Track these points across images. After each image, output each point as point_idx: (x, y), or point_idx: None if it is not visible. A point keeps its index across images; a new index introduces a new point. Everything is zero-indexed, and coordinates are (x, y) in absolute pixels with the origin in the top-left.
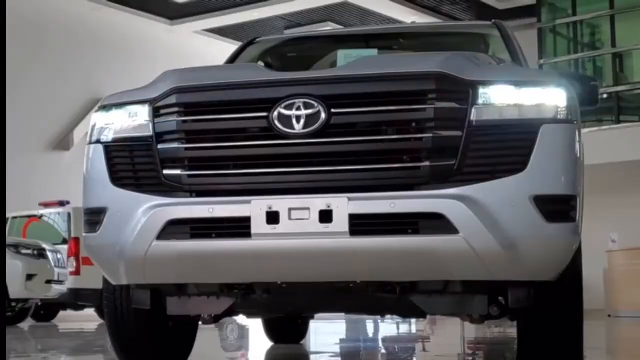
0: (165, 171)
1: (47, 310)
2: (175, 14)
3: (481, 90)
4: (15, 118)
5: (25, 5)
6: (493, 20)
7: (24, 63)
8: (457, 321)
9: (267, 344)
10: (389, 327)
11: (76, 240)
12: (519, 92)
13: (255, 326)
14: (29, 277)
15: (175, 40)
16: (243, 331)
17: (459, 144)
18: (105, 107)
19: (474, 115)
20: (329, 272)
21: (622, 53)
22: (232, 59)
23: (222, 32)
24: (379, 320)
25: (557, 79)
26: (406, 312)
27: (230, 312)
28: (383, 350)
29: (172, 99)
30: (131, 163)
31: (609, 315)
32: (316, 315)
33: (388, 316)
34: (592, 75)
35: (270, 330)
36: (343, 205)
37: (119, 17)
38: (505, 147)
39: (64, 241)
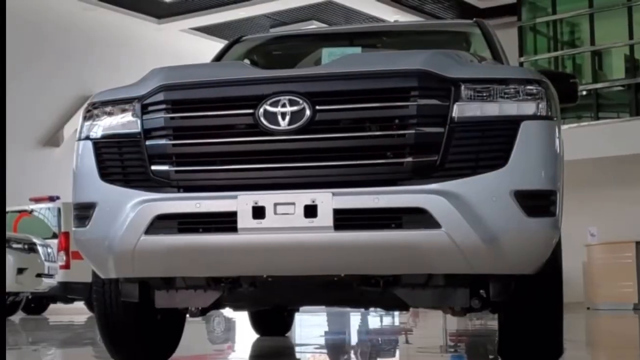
0: (153, 167)
1: (37, 304)
2: (163, 13)
3: (463, 87)
4: (8, 115)
5: (18, 4)
6: (475, 19)
7: (18, 61)
8: (440, 314)
9: (254, 336)
10: (373, 319)
11: (66, 234)
12: (500, 90)
13: (241, 319)
14: (20, 270)
15: (164, 39)
16: (230, 324)
17: (441, 140)
18: (95, 105)
19: (455, 112)
20: (314, 266)
21: (601, 51)
22: (219, 57)
23: (209, 30)
24: (364, 313)
25: (537, 76)
26: (390, 305)
27: (217, 305)
28: (367, 343)
29: (160, 97)
30: (120, 159)
31: (588, 308)
32: (301, 308)
33: (372, 309)
34: (572, 73)
35: (257, 323)
36: (328, 201)
37: (109, 16)
38: (487, 143)
39: (54, 236)
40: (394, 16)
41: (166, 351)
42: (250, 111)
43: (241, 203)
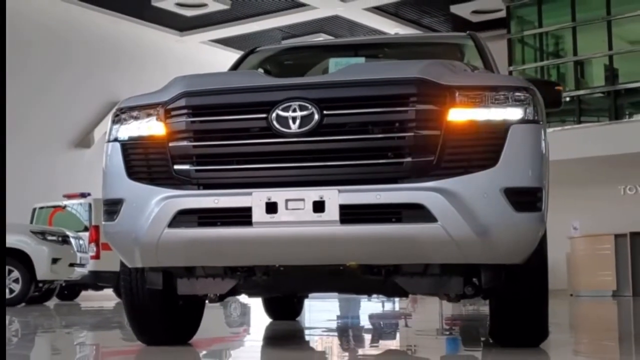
0: (175, 166)
1: (70, 291)
2: (184, 26)
3: (457, 94)
4: (43, 119)
5: (52, 19)
6: (468, 31)
7: (51, 70)
8: (436, 300)
9: (267, 320)
10: (375, 305)
11: (96, 228)
12: (491, 96)
13: (256, 305)
14: (55, 260)
15: (185, 50)
16: (245, 309)
17: (437, 142)
18: (122, 110)
19: (450, 116)
20: (322, 257)
21: (583, 61)
22: (235, 66)
23: (227, 42)
24: (366, 299)
25: (524, 84)
26: (390, 292)
27: (234, 292)
28: (370, 326)
29: (182, 102)
30: (145, 159)
31: (571, 295)
32: (310, 295)
33: (374, 295)
34: (556, 81)
35: (270, 308)
36: (334, 197)
37: (134, 29)
38: (479, 145)
39: (86, 229)
40: (394, 29)
41: (187, 334)
42: (264, 115)
43: (255, 199)
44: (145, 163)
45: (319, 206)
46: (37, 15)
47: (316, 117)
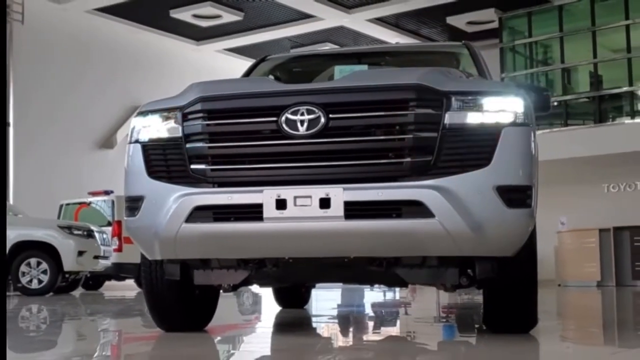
0: (192, 166)
1: (95, 281)
2: (200, 36)
3: (453, 99)
4: (69, 122)
5: (78, 29)
6: (463, 41)
7: (76, 76)
8: (433, 290)
9: (277, 308)
10: (377, 294)
11: (119, 223)
12: (485, 101)
13: (266, 294)
14: (80, 253)
15: (201, 58)
16: (256, 298)
17: (435, 144)
18: (143, 113)
19: (447, 119)
20: (328, 249)
21: (569, 68)
22: (248, 73)
23: (239, 51)
24: (369, 289)
25: (515, 90)
26: (391, 282)
27: (246, 282)
28: (372, 314)
29: (198, 107)
30: (164, 159)
31: (559, 285)
32: (317, 285)
33: (376, 285)
34: (545, 87)
35: (279, 297)
36: (339, 194)
37: (154, 38)
38: (473, 146)
39: (109, 224)
40: (395, 39)
41: (203, 321)
42: (274, 119)
43: (266, 196)
44: (164, 163)
45: (325, 203)
46: (64, 26)
47: (322, 120)
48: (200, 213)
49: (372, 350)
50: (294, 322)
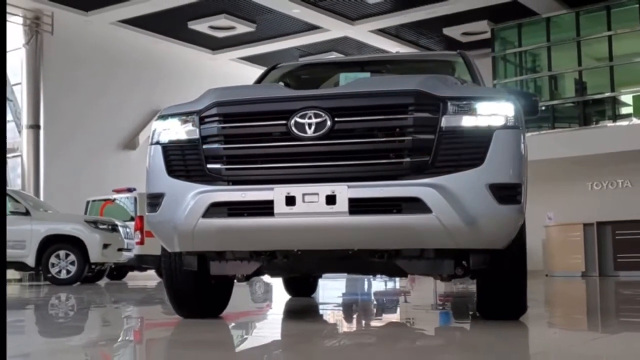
0: (208, 165)
1: (119, 272)
2: (216, 46)
3: (449, 104)
4: (95, 125)
5: (104, 40)
6: (458, 50)
7: (102, 83)
8: (431, 279)
9: (286, 297)
10: (379, 284)
11: (141, 218)
12: (478, 106)
13: (277, 284)
14: (105, 246)
15: (216, 66)
16: (268, 287)
17: (432, 145)
18: (163, 117)
19: (444, 123)
20: (333, 242)
21: (556, 76)
22: (260, 80)
23: (252, 59)
24: (371, 279)
25: (506, 95)
26: (392, 272)
27: (258, 272)
28: (374, 302)
29: (214, 111)
30: (183, 159)
31: (546, 275)
32: (324, 275)
33: (378, 276)
34: (534, 93)
35: (289, 286)
36: (344, 192)
37: (173, 48)
38: (468, 147)
39: (132, 219)
40: (395, 48)
41: (219, 308)
42: (284, 122)
43: (277, 193)
44: (183, 162)
45: (331, 199)
46: (91, 37)
47: (329, 123)
48: (216, 209)
49: (374, 335)
50: (303, 310)
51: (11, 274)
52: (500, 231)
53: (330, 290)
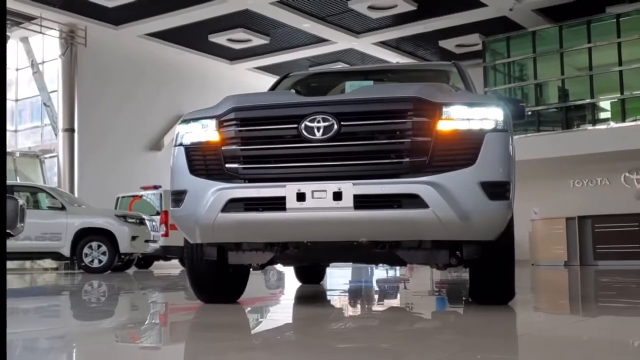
0: (227, 165)
1: (146, 261)
2: (234, 57)
3: (445, 109)
4: (124, 129)
5: (132, 51)
6: (453, 61)
7: (131, 91)
8: (428, 268)
9: (297, 284)
10: (381, 272)
11: (166, 212)
12: (471, 111)
13: (289, 272)
14: (134, 238)
15: (234, 75)
16: (280, 275)
17: (429, 146)
18: (186, 121)
19: (439, 126)
20: (340, 235)
21: (541, 84)
22: (273, 87)
23: (266, 69)
24: (374, 268)
25: (496, 101)
26: (393, 262)
27: (272, 262)
28: (377, 289)
29: (232, 115)
30: (203, 159)
31: (532, 264)
32: (331, 264)
33: (380, 265)
34: (521, 99)
35: (299, 274)
36: (349, 188)
37: (195, 58)
38: (461, 148)
39: (157, 213)
40: (396, 59)
41: (236, 294)
42: (295, 126)
43: (289, 190)
44: (203, 162)
45: (337, 196)
46: (120, 49)
47: (335, 127)
48: (233, 204)
49: (377, 319)
50: (312, 296)
51: (48, 263)
52: (491, 224)
53: (337, 277)
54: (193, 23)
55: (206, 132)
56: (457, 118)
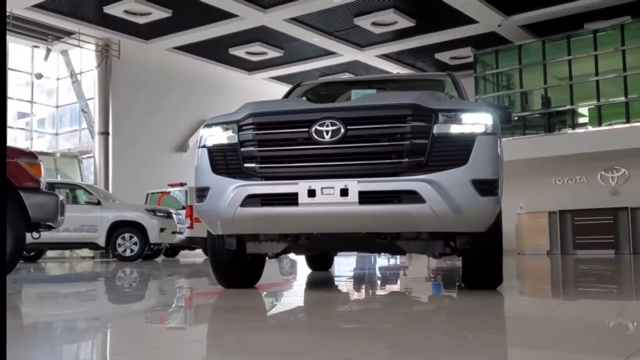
0: (245, 164)
1: (173, 251)
2: (251, 68)
3: (440, 114)
4: (154, 132)
5: (160, 63)
6: (447, 72)
7: (159, 98)
8: (425, 257)
9: (308, 271)
10: (383, 260)
11: (191, 207)
12: (463, 116)
13: (300, 260)
14: (162, 230)
15: (252, 84)
16: (293, 263)
17: (426, 148)
18: (208, 125)
19: (435, 130)
20: (346, 227)
21: (526, 92)
22: (287, 95)
23: (280, 78)
24: (377, 257)
25: (486, 108)
26: (394, 251)
27: (285, 251)
28: (379, 275)
29: (250, 120)
30: (224, 160)
31: (518, 253)
32: (338, 253)
33: (382, 254)
34: (508, 106)
35: (310, 262)
36: (355, 186)
37: (217, 69)
38: (455, 150)
39: (183, 208)
40: (396, 70)
41: (253, 280)
42: (306, 129)
43: (301, 187)
44: (224, 162)
45: (344, 192)
46: (150, 61)
47: (342, 130)
48: (251, 200)
49: (379, 302)
50: (321, 281)
51: (85, 252)
52: (481, 218)
53: (344, 265)
54: (215, 38)
55: (227, 135)
56: (451, 123)
